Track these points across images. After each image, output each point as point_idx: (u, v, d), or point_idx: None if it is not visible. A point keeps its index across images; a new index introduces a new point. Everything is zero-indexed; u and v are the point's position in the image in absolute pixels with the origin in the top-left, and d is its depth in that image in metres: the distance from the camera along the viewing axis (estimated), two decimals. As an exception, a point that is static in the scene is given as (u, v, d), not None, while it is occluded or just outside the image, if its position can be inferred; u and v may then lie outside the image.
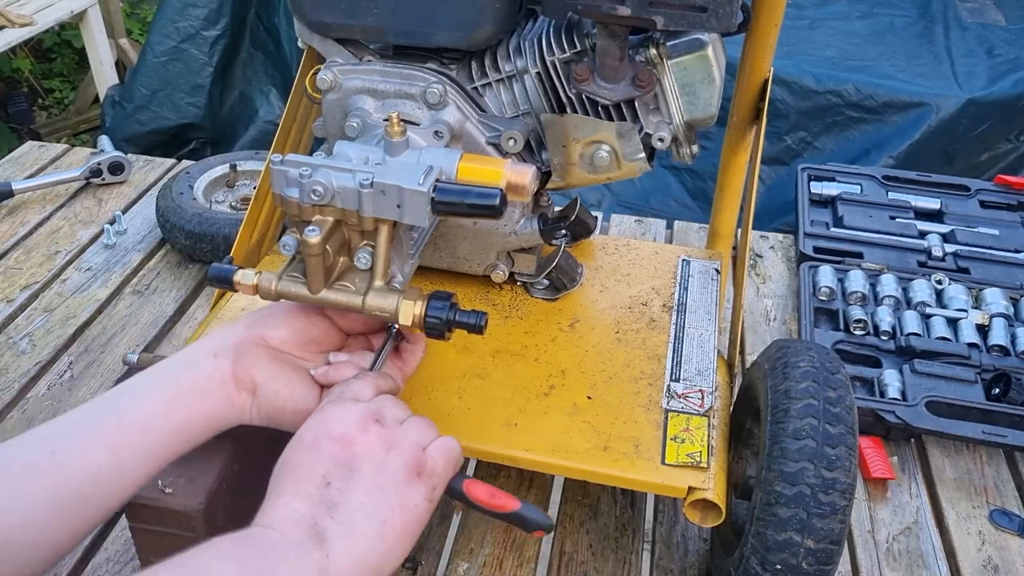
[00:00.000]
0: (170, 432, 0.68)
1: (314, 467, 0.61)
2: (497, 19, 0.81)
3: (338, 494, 0.61)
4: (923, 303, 1.30)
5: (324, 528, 0.59)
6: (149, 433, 0.67)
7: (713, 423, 0.85)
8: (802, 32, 2.38)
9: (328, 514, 0.60)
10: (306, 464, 0.62)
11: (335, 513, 0.60)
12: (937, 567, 0.98)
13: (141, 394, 0.70)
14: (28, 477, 0.63)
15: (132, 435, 0.67)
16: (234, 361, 0.71)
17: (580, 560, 0.95)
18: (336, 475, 0.61)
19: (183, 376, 0.71)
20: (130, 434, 0.67)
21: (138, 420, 0.68)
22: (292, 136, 1.03)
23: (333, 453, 0.62)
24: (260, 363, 0.72)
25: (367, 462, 0.62)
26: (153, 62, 2.68)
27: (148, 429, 0.68)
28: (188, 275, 1.39)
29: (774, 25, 0.90)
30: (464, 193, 0.69)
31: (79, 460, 0.65)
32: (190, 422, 0.69)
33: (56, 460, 0.64)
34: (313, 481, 0.61)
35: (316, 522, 0.59)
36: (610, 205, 2.28)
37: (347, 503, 0.60)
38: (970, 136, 2.14)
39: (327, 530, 0.59)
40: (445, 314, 0.71)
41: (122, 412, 0.68)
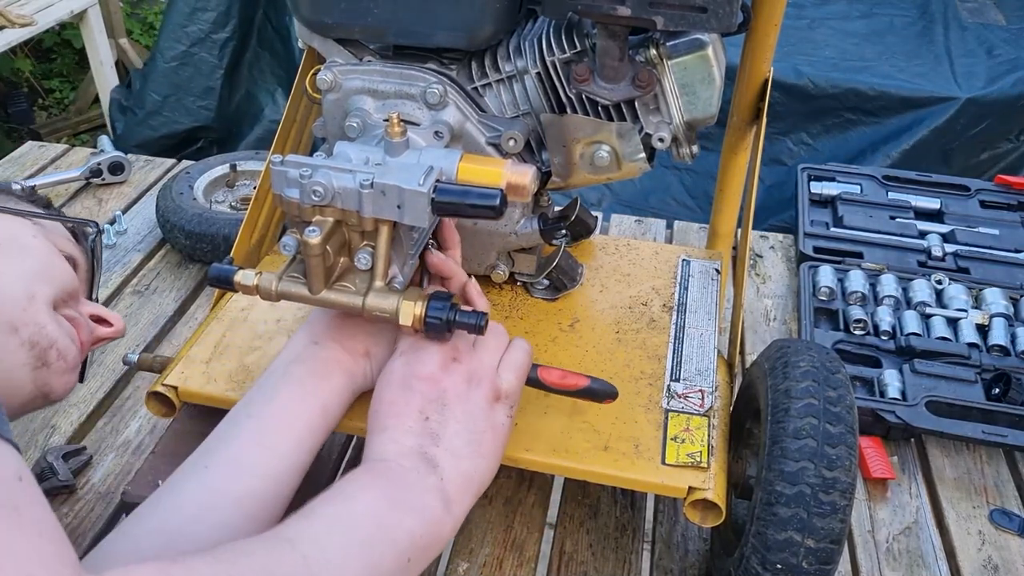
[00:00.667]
0: (312, 415, 0.73)
1: (410, 404, 0.69)
2: (497, 19, 0.81)
3: (436, 425, 0.69)
4: (923, 303, 1.30)
5: (432, 455, 0.67)
6: (291, 423, 0.72)
7: (713, 423, 0.85)
8: (802, 32, 2.38)
9: (433, 443, 0.68)
10: (401, 402, 0.70)
11: (438, 442, 0.68)
12: (937, 567, 0.98)
13: (269, 396, 0.74)
14: (192, 496, 0.68)
15: (276, 428, 0.72)
16: (335, 340, 0.77)
17: (580, 560, 0.95)
18: (431, 410, 0.70)
19: (298, 370, 0.75)
20: (273, 428, 0.72)
21: (277, 414, 0.72)
22: (292, 136, 1.03)
23: (424, 391, 0.70)
24: (360, 328, 0.78)
25: (453, 396, 0.71)
26: (164, 67, 2.69)
27: (290, 418, 0.72)
28: (188, 275, 1.39)
29: (774, 25, 0.90)
30: (464, 193, 0.69)
31: (234, 465, 0.69)
32: (325, 405, 0.74)
33: (210, 474, 0.69)
34: (412, 416, 0.69)
35: (424, 451, 0.67)
36: (610, 205, 2.28)
37: (445, 432, 0.69)
38: (970, 136, 2.14)
39: (435, 456, 0.67)
40: (445, 314, 0.71)
41: (257, 414, 0.72)
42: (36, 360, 0.73)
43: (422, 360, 0.72)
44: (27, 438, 1.08)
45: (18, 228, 0.77)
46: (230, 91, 2.77)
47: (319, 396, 0.74)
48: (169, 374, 0.90)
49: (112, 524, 0.97)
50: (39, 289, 0.74)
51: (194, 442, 0.83)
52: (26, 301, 0.73)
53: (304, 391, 0.74)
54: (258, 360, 0.92)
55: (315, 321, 0.79)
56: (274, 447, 0.71)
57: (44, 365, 0.74)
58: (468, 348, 0.74)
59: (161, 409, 0.90)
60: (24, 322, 0.72)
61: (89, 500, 1.00)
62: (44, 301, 0.74)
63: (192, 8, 2.65)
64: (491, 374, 0.73)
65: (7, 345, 0.71)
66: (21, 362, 0.72)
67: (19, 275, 0.73)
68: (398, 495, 0.64)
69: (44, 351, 0.73)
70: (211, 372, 0.90)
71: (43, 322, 0.73)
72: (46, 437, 1.08)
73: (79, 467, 1.03)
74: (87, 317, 0.82)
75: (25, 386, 0.73)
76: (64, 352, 0.75)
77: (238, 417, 0.73)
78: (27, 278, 0.74)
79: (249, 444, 0.71)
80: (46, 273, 0.76)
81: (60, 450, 1.03)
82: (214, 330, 0.96)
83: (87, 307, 0.83)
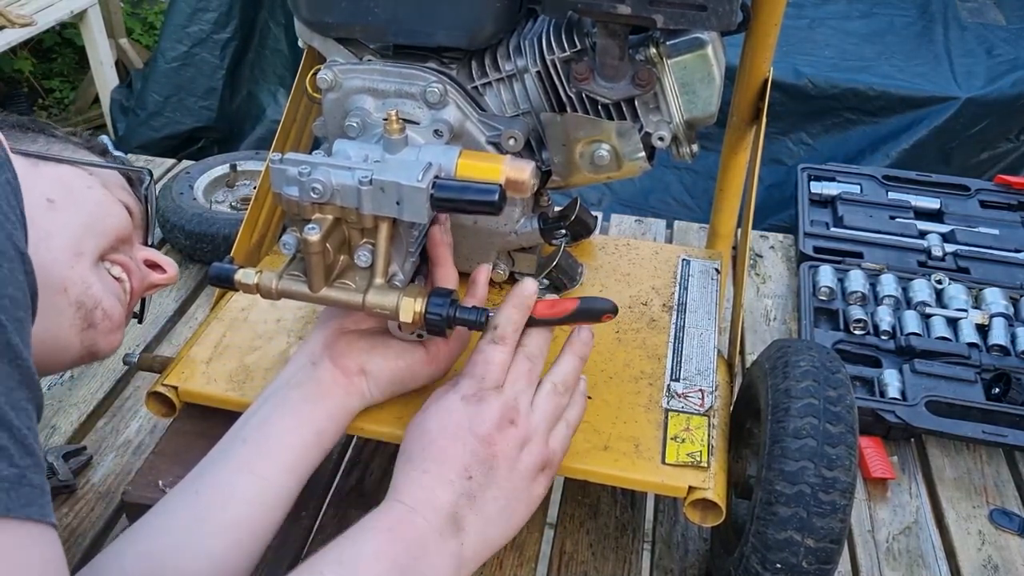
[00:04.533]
0: (304, 444, 0.73)
1: (458, 458, 0.67)
2: (497, 18, 0.80)
3: (477, 488, 0.67)
4: (923, 303, 1.30)
5: (462, 517, 0.66)
6: (283, 451, 0.72)
7: (713, 423, 0.85)
8: (802, 32, 2.38)
9: (468, 505, 0.66)
10: (450, 452, 0.67)
11: (473, 505, 0.66)
12: (937, 567, 0.98)
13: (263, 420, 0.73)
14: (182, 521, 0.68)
15: (267, 455, 0.71)
16: (331, 359, 0.75)
17: (580, 560, 0.95)
18: (476, 470, 0.67)
19: (294, 394, 0.74)
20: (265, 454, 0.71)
21: (270, 441, 0.72)
22: (292, 136, 1.03)
23: (475, 450, 0.67)
24: (353, 346, 0.77)
25: (503, 461, 0.68)
26: (165, 68, 2.69)
27: (282, 447, 0.72)
28: (188, 275, 1.39)
29: (774, 25, 0.90)
30: (463, 189, 0.69)
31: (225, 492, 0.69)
32: (319, 430, 0.74)
33: (201, 500, 0.69)
34: (456, 471, 0.66)
35: (456, 512, 0.65)
36: (610, 205, 2.28)
37: (483, 496, 0.67)
38: (969, 136, 2.14)
39: (464, 519, 0.66)
40: (445, 311, 0.71)
41: (250, 439, 0.72)
42: (83, 321, 0.72)
43: (482, 416, 0.69)
44: (27, 438, 1.08)
45: (73, 178, 0.76)
46: (232, 91, 2.77)
47: (314, 422, 0.73)
48: (169, 374, 0.90)
49: (112, 524, 0.97)
50: (87, 244, 0.73)
51: (194, 442, 0.83)
52: (74, 258, 0.72)
53: (299, 418, 0.73)
54: (258, 360, 0.92)
55: (312, 340, 0.78)
56: (265, 475, 0.70)
57: (91, 326, 0.73)
58: (527, 409, 0.71)
59: (161, 409, 0.90)
60: (72, 281, 0.71)
61: (89, 500, 1.00)
62: (91, 256, 0.73)
63: (193, 8, 2.65)
64: (542, 442, 0.71)
65: (57, 305, 0.70)
66: (69, 323, 0.71)
67: (70, 232, 0.72)
68: (412, 564, 0.62)
69: (90, 312, 0.72)
70: (211, 372, 0.90)
71: (90, 281, 0.72)
72: (46, 437, 1.08)
73: (79, 467, 1.03)
74: (140, 262, 0.81)
75: (73, 346, 0.73)
76: (110, 312, 0.74)
77: (233, 441, 0.73)
78: (77, 234, 0.73)
79: (240, 471, 0.70)
80: (98, 225, 0.75)
81: (60, 450, 1.03)
82: (214, 330, 0.96)
83: (142, 252, 0.82)
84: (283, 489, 0.71)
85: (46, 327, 0.66)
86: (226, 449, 0.72)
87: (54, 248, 0.70)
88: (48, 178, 0.74)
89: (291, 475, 0.72)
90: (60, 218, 0.72)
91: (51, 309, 0.69)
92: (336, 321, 0.78)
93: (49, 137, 0.80)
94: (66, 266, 0.71)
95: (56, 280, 0.70)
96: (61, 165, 0.76)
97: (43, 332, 0.62)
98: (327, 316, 0.80)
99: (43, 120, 0.83)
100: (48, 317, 0.68)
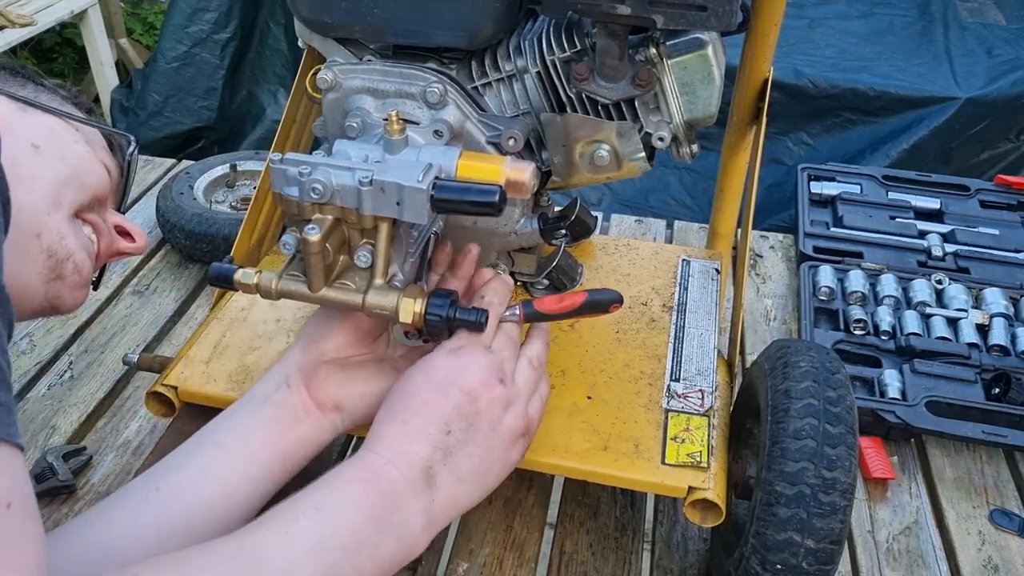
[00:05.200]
0: (271, 461, 0.72)
1: (440, 411, 0.66)
2: (497, 18, 0.80)
3: (455, 443, 0.66)
4: (923, 303, 1.30)
5: (436, 473, 0.65)
6: (253, 464, 0.71)
7: (713, 423, 0.85)
8: (802, 32, 2.37)
9: (443, 461, 0.66)
10: (432, 405, 0.67)
11: (448, 460, 0.66)
12: (937, 567, 0.98)
13: (237, 429, 0.73)
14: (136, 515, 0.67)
15: (237, 465, 0.71)
16: (308, 388, 0.75)
17: (580, 560, 0.95)
18: (457, 425, 0.67)
19: (267, 413, 0.74)
20: (235, 464, 0.71)
21: (241, 449, 0.71)
22: (292, 136, 1.03)
23: (459, 403, 0.67)
24: (331, 379, 0.75)
25: (486, 419, 0.68)
26: (165, 68, 2.69)
27: (251, 458, 0.71)
28: (188, 275, 1.39)
29: (774, 25, 0.90)
30: (464, 190, 0.69)
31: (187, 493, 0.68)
32: (287, 451, 0.73)
33: (160, 496, 0.68)
34: (435, 424, 0.66)
35: (430, 467, 0.65)
36: (610, 205, 2.28)
37: (460, 452, 0.66)
38: (969, 136, 2.14)
39: (438, 475, 0.65)
40: (445, 312, 0.71)
41: (223, 444, 0.72)
42: (51, 271, 0.71)
43: (469, 368, 0.69)
44: (27, 438, 1.08)
45: (59, 130, 0.75)
46: (232, 91, 2.77)
47: (284, 443, 0.73)
48: (169, 374, 0.90)
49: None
50: (67, 196, 0.72)
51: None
52: (52, 207, 0.71)
53: (271, 437, 0.73)
54: (258, 360, 0.92)
55: (291, 359, 0.76)
56: (230, 482, 0.70)
57: (59, 278, 0.72)
58: (512, 372, 0.71)
59: (161, 409, 0.90)
60: (47, 228, 0.70)
61: (89, 500, 1.00)
62: (69, 209, 0.73)
63: (193, 8, 2.65)
64: (525, 407, 0.71)
65: (28, 249, 0.69)
66: (38, 270, 0.70)
67: (52, 179, 0.71)
68: (386, 516, 0.62)
69: (61, 262, 0.71)
70: (211, 372, 0.90)
71: (64, 232, 0.72)
72: (46, 437, 1.08)
73: (79, 467, 1.03)
74: (111, 226, 0.80)
75: (36, 295, 0.71)
76: (80, 266, 0.73)
77: (202, 444, 0.72)
78: (59, 183, 0.72)
79: (206, 474, 0.70)
80: (78, 179, 0.74)
81: (60, 450, 1.03)
82: (214, 330, 0.96)
83: (113, 217, 0.81)
84: (245, 500, 0.70)
85: (13, 269, 0.66)
86: (193, 451, 0.71)
87: (35, 191, 0.69)
88: (35, 125, 0.73)
89: (255, 488, 0.71)
90: (43, 164, 0.71)
91: (21, 251, 0.68)
92: (316, 346, 0.76)
93: (37, 86, 0.78)
94: (43, 212, 0.70)
95: (31, 224, 0.69)
96: (48, 115, 0.75)
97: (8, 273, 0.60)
98: (308, 338, 0.77)
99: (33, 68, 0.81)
100: (17, 259, 0.67)
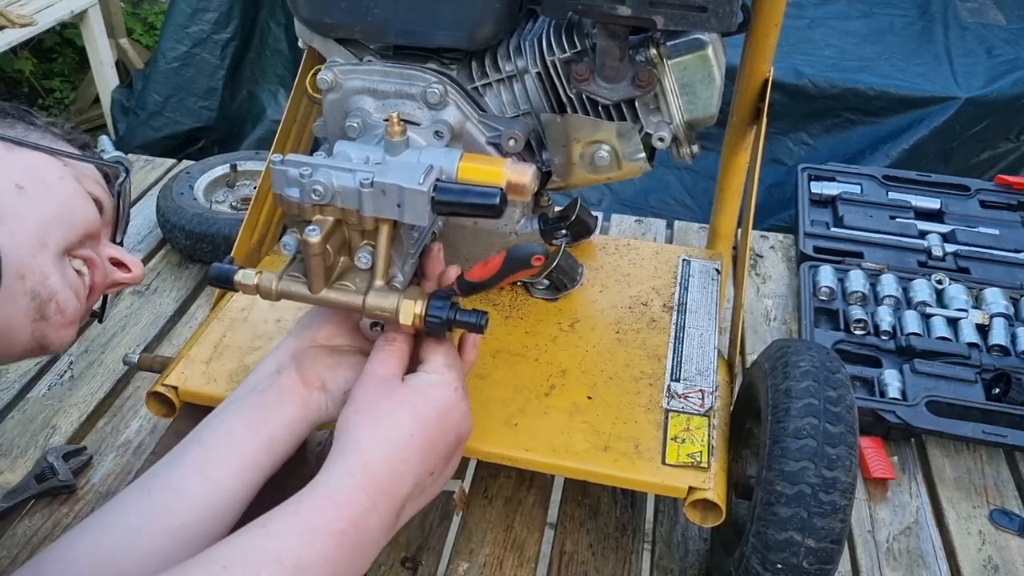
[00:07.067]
0: (255, 449, 0.72)
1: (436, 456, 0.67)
2: (497, 19, 0.80)
3: (432, 483, 0.68)
4: (923, 303, 1.30)
5: (404, 509, 0.66)
6: (234, 455, 0.71)
7: (713, 423, 0.85)
8: (802, 32, 2.37)
9: (416, 497, 0.67)
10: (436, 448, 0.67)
11: (419, 497, 0.67)
12: (937, 567, 0.98)
13: (220, 422, 0.73)
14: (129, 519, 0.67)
15: (219, 457, 0.71)
16: (297, 369, 0.75)
17: (580, 560, 0.95)
18: (440, 468, 0.68)
19: (254, 398, 0.74)
20: (217, 457, 0.71)
21: (223, 443, 0.71)
22: (292, 136, 1.03)
23: (449, 449, 0.68)
24: (320, 360, 0.76)
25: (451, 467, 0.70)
26: (165, 68, 2.69)
27: (234, 450, 0.71)
28: (188, 275, 1.39)
29: (774, 25, 0.90)
30: (464, 192, 0.69)
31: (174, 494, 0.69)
32: (272, 435, 0.73)
33: (151, 499, 0.68)
34: (428, 468, 0.67)
35: (404, 505, 0.65)
36: (610, 205, 2.28)
37: (429, 491, 0.68)
38: (969, 136, 2.14)
39: (405, 510, 0.66)
40: (446, 313, 0.71)
41: (206, 441, 0.72)
42: (35, 312, 0.71)
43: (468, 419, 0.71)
44: (27, 438, 1.08)
45: (46, 167, 0.75)
46: (232, 91, 2.77)
47: (267, 427, 0.73)
48: (169, 374, 0.90)
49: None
50: (53, 235, 0.72)
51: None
52: (38, 248, 0.71)
53: (254, 424, 0.73)
54: (258, 360, 0.92)
55: (281, 348, 0.77)
56: (214, 477, 0.70)
57: (42, 318, 0.72)
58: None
59: (161, 409, 0.90)
60: (31, 269, 0.70)
61: (89, 500, 1.00)
62: (55, 249, 0.72)
63: (194, 9, 2.65)
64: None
65: (13, 291, 0.69)
66: (22, 311, 0.70)
67: (36, 220, 0.71)
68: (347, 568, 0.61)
69: (44, 303, 0.71)
70: (211, 372, 0.90)
71: (48, 272, 0.71)
72: (46, 437, 1.08)
73: (79, 467, 1.03)
74: (106, 259, 0.80)
75: (23, 336, 0.72)
76: (63, 306, 0.73)
77: (190, 442, 0.72)
78: (43, 223, 0.71)
79: (190, 472, 0.70)
80: (65, 218, 0.74)
81: (60, 450, 1.03)
82: (214, 330, 0.96)
83: (108, 249, 0.81)
84: (232, 493, 0.70)
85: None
86: (182, 451, 0.72)
87: (18, 234, 0.69)
88: (20, 165, 0.73)
89: (240, 479, 0.70)
90: (28, 206, 0.71)
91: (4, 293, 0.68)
92: (309, 332, 0.78)
93: (28, 125, 0.78)
94: (28, 254, 0.70)
95: (14, 265, 0.69)
96: (36, 152, 0.75)
97: None
98: (301, 326, 0.79)
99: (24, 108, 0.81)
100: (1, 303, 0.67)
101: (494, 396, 0.88)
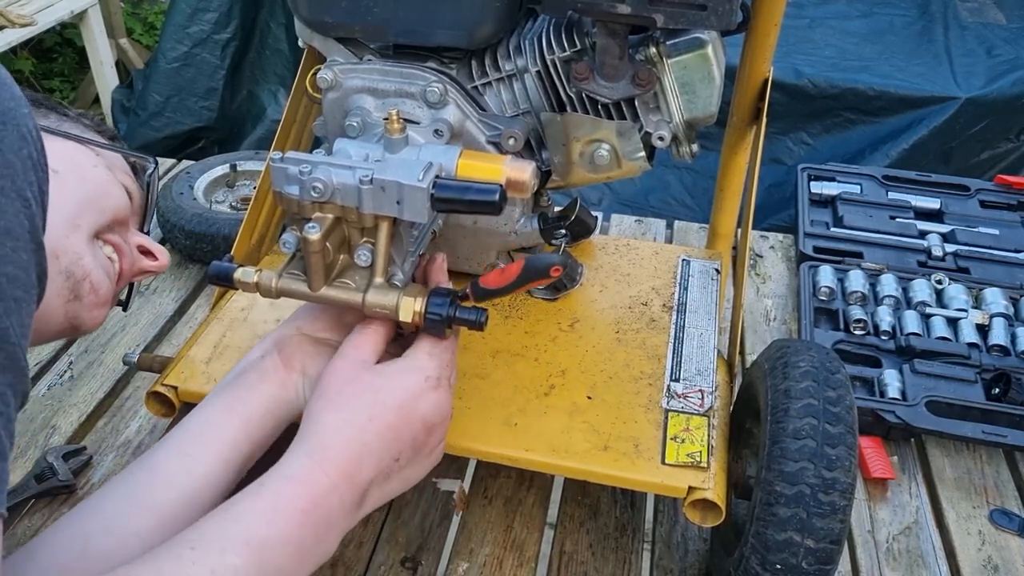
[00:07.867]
0: (233, 428, 0.72)
1: (400, 439, 0.67)
2: (497, 18, 0.80)
3: (397, 470, 0.68)
4: (923, 303, 1.30)
5: (370, 495, 0.66)
6: (212, 435, 0.71)
7: (713, 423, 0.85)
8: (802, 32, 2.37)
9: (380, 483, 0.66)
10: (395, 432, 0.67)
11: (384, 484, 0.67)
12: (937, 567, 0.98)
13: (202, 406, 0.74)
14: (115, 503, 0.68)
15: (197, 438, 0.71)
16: (279, 352, 0.77)
17: (580, 560, 0.95)
18: (406, 455, 0.68)
19: (237, 381, 0.75)
20: (195, 438, 0.71)
21: (202, 424, 0.72)
22: (292, 135, 1.03)
23: (415, 437, 0.68)
24: (303, 347, 0.77)
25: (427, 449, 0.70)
26: (166, 68, 2.69)
27: (212, 430, 0.72)
28: (188, 275, 1.39)
29: (774, 25, 0.90)
30: (464, 189, 0.69)
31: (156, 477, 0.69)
32: (249, 414, 0.73)
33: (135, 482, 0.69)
34: (392, 454, 0.66)
35: (368, 490, 0.65)
36: (610, 205, 2.28)
37: (397, 477, 0.68)
38: (969, 136, 2.14)
39: (370, 496, 0.66)
40: (445, 311, 0.71)
41: (186, 424, 0.72)
42: (69, 292, 0.72)
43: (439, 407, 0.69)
44: (27, 438, 1.08)
45: (81, 156, 0.77)
46: (232, 91, 2.78)
47: (246, 407, 0.73)
48: (169, 374, 0.90)
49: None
50: (86, 218, 0.74)
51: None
52: (70, 228, 0.72)
53: (232, 403, 0.73)
54: (258, 359, 0.92)
55: (268, 337, 0.79)
56: (194, 457, 0.70)
57: (76, 298, 0.73)
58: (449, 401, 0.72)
59: (161, 409, 0.90)
60: (65, 250, 0.71)
61: (88, 499, 1.00)
62: (88, 231, 0.74)
63: (194, 8, 2.66)
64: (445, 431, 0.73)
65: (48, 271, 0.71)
66: (56, 291, 0.71)
67: (70, 203, 0.73)
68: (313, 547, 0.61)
69: (78, 283, 0.73)
70: (211, 372, 0.90)
71: (81, 252, 0.73)
72: (46, 437, 1.08)
73: (79, 467, 1.03)
74: (133, 246, 0.82)
75: (57, 316, 0.73)
76: (97, 286, 0.75)
77: (175, 428, 0.73)
78: (77, 206, 0.73)
79: (170, 453, 0.70)
80: (98, 202, 0.76)
81: (60, 450, 1.03)
82: (214, 330, 0.96)
83: (135, 237, 0.83)
84: (211, 471, 0.70)
85: None
86: (166, 437, 0.73)
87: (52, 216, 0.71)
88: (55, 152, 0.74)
89: (219, 460, 0.71)
90: (62, 187, 0.72)
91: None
92: (296, 323, 0.79)
93: (61, 116, 0.80)
94: (61, 235, 0.71)
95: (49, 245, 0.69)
96: (68, 141, 0.77)
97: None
98: (290, 319, 0.80)
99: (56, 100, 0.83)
100: None
101: (494, 396, 0.88)
